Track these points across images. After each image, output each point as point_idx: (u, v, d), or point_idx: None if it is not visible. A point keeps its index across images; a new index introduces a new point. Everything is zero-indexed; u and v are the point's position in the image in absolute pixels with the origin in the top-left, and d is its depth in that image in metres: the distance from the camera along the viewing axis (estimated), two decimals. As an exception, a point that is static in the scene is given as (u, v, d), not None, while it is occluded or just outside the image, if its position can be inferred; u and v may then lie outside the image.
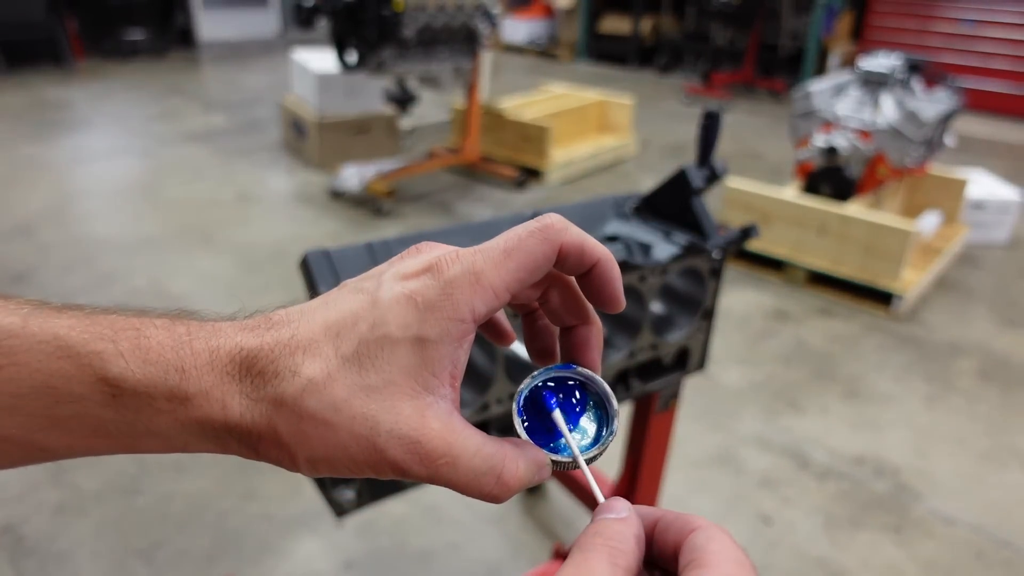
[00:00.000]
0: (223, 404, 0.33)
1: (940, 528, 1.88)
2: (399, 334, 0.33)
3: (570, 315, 0.38)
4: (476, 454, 0.33)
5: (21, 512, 1.83)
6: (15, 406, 0.31)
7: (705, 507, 1.92)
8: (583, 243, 0.35)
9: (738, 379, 2.49)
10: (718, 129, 1.10)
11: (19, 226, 3.52)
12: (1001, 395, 2.46)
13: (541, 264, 0.34)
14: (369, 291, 0.34)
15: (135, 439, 0.34)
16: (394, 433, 0.32)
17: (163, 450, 0.35)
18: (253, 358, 0.33)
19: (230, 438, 0.34)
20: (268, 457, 0.35)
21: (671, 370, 1.13)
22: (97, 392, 0.32)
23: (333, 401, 0.32)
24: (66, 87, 6.39)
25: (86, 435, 0.33)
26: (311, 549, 1.76)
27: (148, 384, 0.32)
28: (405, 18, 3.35)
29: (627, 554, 0.30)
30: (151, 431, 0.33)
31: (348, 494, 0.92)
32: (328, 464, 0.34)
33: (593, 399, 0.38)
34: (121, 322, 0.33)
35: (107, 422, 0.33)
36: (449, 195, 4.18)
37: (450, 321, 0.33)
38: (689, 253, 1.02)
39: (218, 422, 0.33)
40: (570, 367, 0.38)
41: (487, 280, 0.33)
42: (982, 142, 5.56)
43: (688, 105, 6.49)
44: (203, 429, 0.34)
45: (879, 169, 3.16)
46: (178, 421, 0.33)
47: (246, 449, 0.35)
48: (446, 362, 0.33)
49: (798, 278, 3.15)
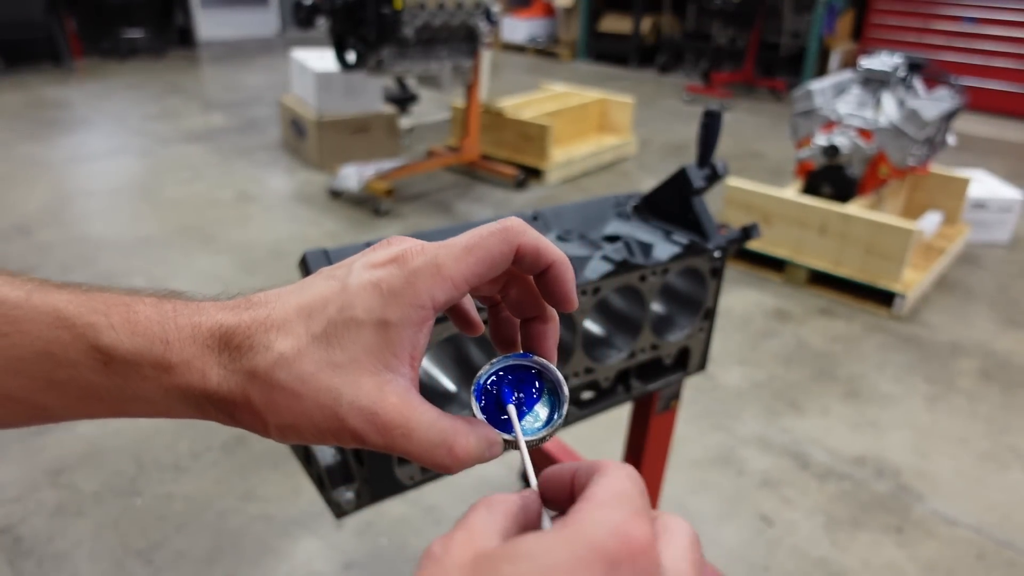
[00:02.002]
0: (203, 373, 0.36)
1: (941, 529, 1.88)
2: (364, 317, 0.36)
3: (528, 310, 0.42)
4: (431, 427, 0.36)
5: (20, 512, 1.82)
6: (19, 369, 0.35)
7: (705, 507, 1.92)
8: (539, 246, 0.39)
9: (739, 379, 2.49)
10: (719, 128, 1.09)
11: (18, 226, 3.51)
12: (1002, 395, 2.45)
13: (498, 261, 0.38)
14: (340, 278, 0.37)
15: (124, 403, 0.37)
16: (355, 404, 0.35)
17: (149, 414, 0.38)
18: (231, 334, 0.36)
19: (209, 405, 0.37)
20: (243, 423, 0.38)
21: (672, 370, 1.13)
22: (90, 359, 0.36)
23: (301, 374, 0.35)
24: (65, 86, 6.38)
25: (81, 397, 0.37)
26: (311, 550, 1.75)
27: (136, 353, 0.36)
28: (405, 17, 3.34)
29: (505, 501, 0.32)
30: (138, 396, 0.37)
31: (348, 495, 0.91)
32: (295, 431, 0.37)
33: (548, 386, 0.41)
34: (114, 299, 0.37)
35: (99, 386, 0.36)
36: (449, 194, 4.17)
37: (411, 307, 0.36)
38: (690, 253, 1.01)
39: (198, 389, 0.37)
40: (528, 356, 0.42)
41: (447, 272, 0.36)
42: (983, 141, 5.55)
43: (689, 104, 6.48)
44: (184, 395, 0.37)
45: (880, 168, 3.15)
46: (162, 387, 0.37)
47: (223, 415, 0.38)
48: (406, 344, 0.37)
49: (799, 278, 3.14)
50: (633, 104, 4.93)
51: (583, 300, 0.91)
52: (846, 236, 2.99)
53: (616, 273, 0.92)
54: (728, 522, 1.88)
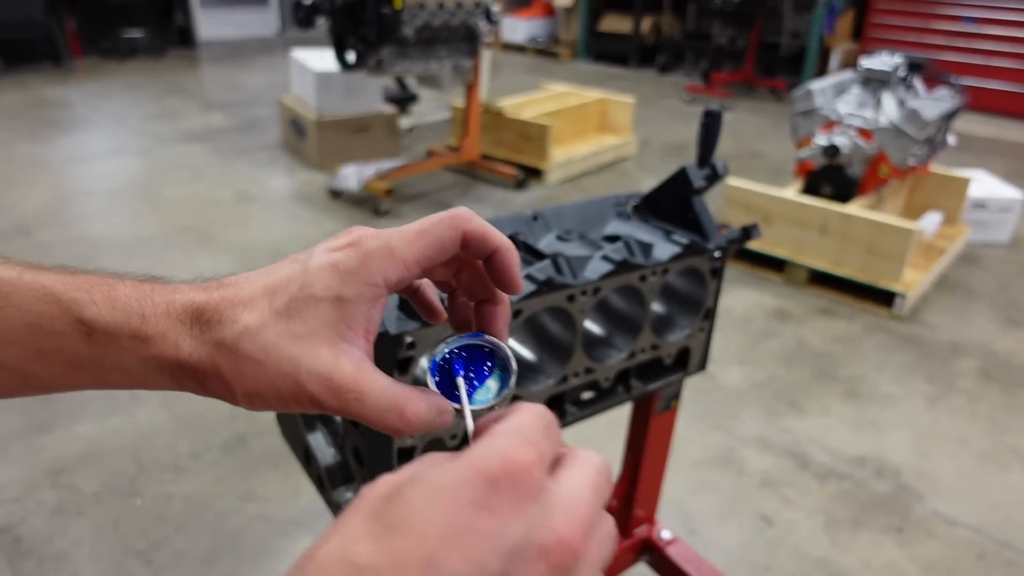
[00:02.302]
0: (176, 345, 0.40)
1: (941, 529, 1.88)
2: (322, 294, 0.39)
3: (479, 293, 0.46)
4: (383, 392, 0.40)
5: (19, 512, 1.82)
6: (11, 339, 0.39)
7: (706, 508, 1.92)
8: (485, 232, 0.42)
9: (739, 379, 2.48)
10: (719, 128, 1.09)
11: (17, 226, 3.51)
12: (1003, 395, 2.45)
13: (447, 246, 0.41)
14: (302, 261, 0.41)
15: (105, 372, 0.41)
16: (312, 371, 0.39)
17: (129, 384, 0.42)
18: (202, 309, 0.40)
19: (182, 374, 0.41)
20: (213, 391, 0.41)
21: (672, 370, 1.13)
22: (74, 331, 0.39)
23: (264, 344, 0.39)
24: (64, 86, 6.38)
25: (66, 366, 0.40)
26: (310, 550, 1.75)
27: (115, 326, 0.40)
28: (404, 16, 3.33)
29: (439, 454, 0.35)
30: (118, 366, 0.41)
31: (348, 495, 0.91)
32: (260, 397, 0.40)
33: (499, 363, 0.45)
34: (97, 279, 0.41)
35: (82, 355, 0.40)
36: (448, 194, 4.17)
37: (366, 285, 0.40)
38: (690, 253, 1.01)
39: (171, 359, 0.40)
40: (480, 336, 0.45)
41: (399, 255, 0.40)
42: (983, 141, 5.55)
43: (689, 104, 6.48)
44: (160, 365, 0.41)
45: (881, 168, 3.15)
46: (139, 358, 0.40)
47: (195, 384, 0.41)
48: (361, 318, 0.40)
49: (799, 278, 3.14)
50: (633, 104, 4.93)
51: (583, 300, 0.91)
52: (846, 236, 2.99)
53: (616, 273, 0.92)
54: (728, 522, 1.88)
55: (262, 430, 2.14)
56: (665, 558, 1.45)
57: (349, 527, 0.30)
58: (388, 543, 0.29)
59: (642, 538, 1.47)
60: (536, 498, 0.31)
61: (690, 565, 1.42)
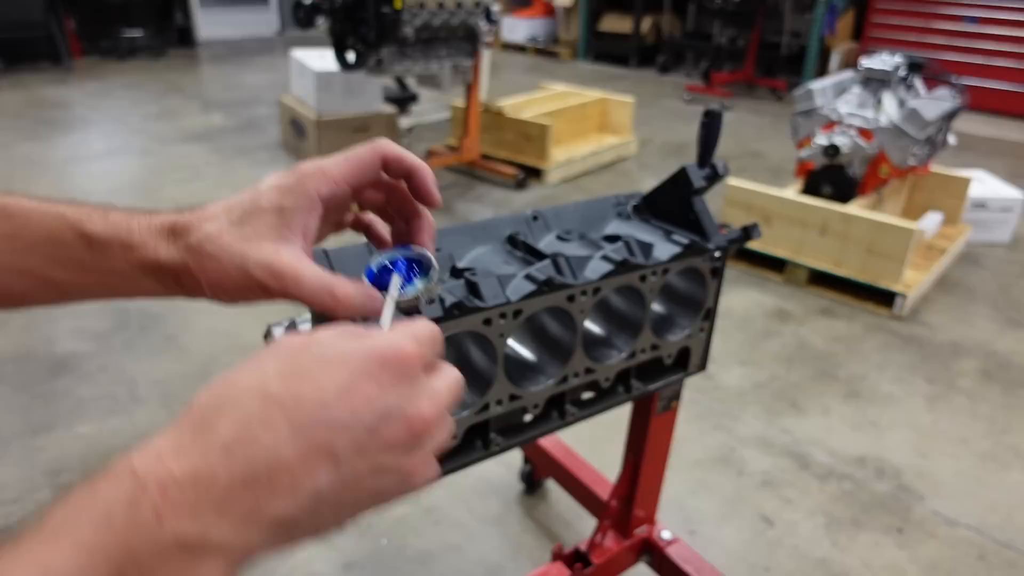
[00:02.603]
0: (156, 250, 0.52)
1: (942, 529, 1.87)
2: (267, 206, 0.51)
3: (406, 211, 0.58)
4: (316, 276, 0.49)
5: (18, 513, 1.82)
6: (33, 249, 0.52)
7: (706, 508, 1.91)
8: (401, 155, 0.55)
9: (739, 379, 2.48)
10: (719, 128, 1.09)
11: (17, 225, 3.51)
12: (1003, 395, 2.44)
13: (368, 165, 0.54)
14: (254, 186, 0.53)
15: (104, 275, 0.53)
16: (258, 261, 0.49)
17: (124, 288, 0.54)
18: (176, 224, 0.52)
19: (162, 274, 0.53)
20: (186, 286, 0.53)
21: (672, 371, 1.12)
22: (79, 241, 0.52)
23: (221, 244, 0.50)
24: (64, 86, 6.38)
25: (75, 271, 0.53)
26: (310, 550, 1.75)
27: (108, 237, 0.52)
28: (404, 16, 3.33)
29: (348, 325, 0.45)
30: (113, 270, 0.53)
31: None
32: (221, 288, 0.51)
33: (425, 269, 0.55)
34: (95, 207, 0.54)
35: (86, 261, 0.53)
36: (448, 194, 4.17)
37: (302, 198, 0.51)
38: (690, 253, 1.00)
39: (152, 262, 0.52)
40: (408, 247, 0.56)
41: (330, 174, 0.52)
42: (984, 141, 5.55)
43: (689, 104, 6.48)
44: (144, 268, 0.53)
45: (881, 168, 3.14)
46: (128, 262, 0.52)
47: (173, 283, 0.53)
48: (298, 224, 0.51)
49: (799, 278, 3.14)
50: (633, 104, 4.92)
51: (583, 300, 0.90)
52: (847, 236, 2.98)
53: (616, 273, 0.92)
54: (729, 522, 1.87)
55: (262, 430, 2.13)
56: (665, 558, 1.45)
57: (265, 366, 0.39)
58: (295, 384, 0.38)
59: (642, 538, 1.47)
60: (411, 383, 0.41)
61: (690, 565, 1.42)
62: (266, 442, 0.36)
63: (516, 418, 1.00)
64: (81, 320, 2.70)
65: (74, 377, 2.36)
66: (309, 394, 0.37)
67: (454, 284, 0.85)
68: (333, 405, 0.37)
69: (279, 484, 0.36)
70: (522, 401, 0.92)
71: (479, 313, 0.81)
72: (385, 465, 0.40)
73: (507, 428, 0.98)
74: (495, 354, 0.86)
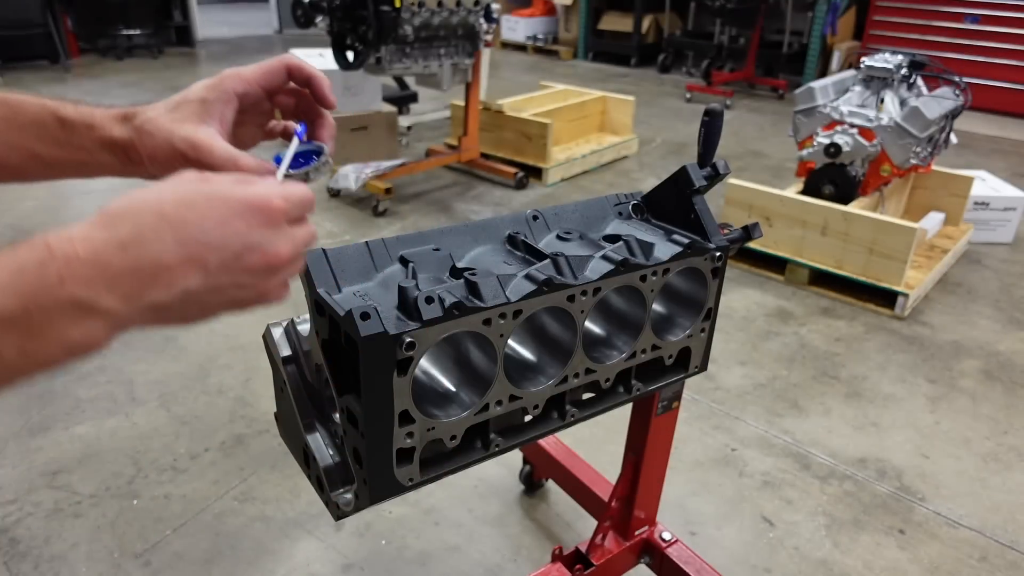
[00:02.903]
0: (111, 130, 0.67)
1: (944, 530, 1.87)
2: (193, 98, 0.67)
3: (311, 114, 0.74)
4: (226, 149, 0.64)
5: (16, 514, 1.81)
6: (25, 128, 0.67)
7: (706, 509, 1.91)
8: (302, 65, 0.71)
9: (740, 380, 2.47)
10: (720, 128, 1.08)
11: (14, 225, 3.50)
12: (1005, 395, 2.44)
13: (276, 72, 0.71)
14: (188, 88, 0.68)
15: (75, 150, 0.68)
16: (182, 137, 0.64)
17: (92, 165, 0.69)
18: (127, 112, 0.68)
19: (117, 149, 0.68)
20: (134, 159, 0.68)
21: (672, 371, 1.12)
22: (56, 122, 0.67)
23: (157, 125, 0.65)
24: (62, 85, 6.37)
25: (54, 146, 0.67)
26: (309, 551, 1.74)
27: (77, 119, 0.67)
28: (404, 15, 3.32)
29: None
30: (82, 146, 0.68)
31: (346, 496, 0.90)
32: (155, 160, 0.66)
33: (322, 158, 0.71)
34: (69, 101, 0.69)
35: (61, 138, 0.67)
36: (448, 193, 4.16)
37: (221, 92, 0.68)
38: (691, 252, 1.00)
39: (108, 139, 0.67)
40: (311, 143, 0.72)
41: (243, 75, 0.70)
42: (986, 140, 5.54)
43: (690, 103, 6.47)
44: (103, 144, 0.68)
45: (882, 167, 3.14)
46: (91, 139, 0.67)
47: (124, 157, 0.68)
48: (216, 112, 0.67)
49: (801, 278, 3.13)
50: (634, 103, 4.91)
51: (583, 300, 0.90)
52: (848, 236, 2.98)
53: (616, 273, 0.91)
54: (729, 523, 1.87)
55: (260, 431, 2.13)
56: (665, 559, 1.44)
57: (165, 192, 0.50)
58: (184, 211, 0.49)
59: (642, 539, 1.46)
60: (274, 228, 0.52)
61: (690, 566, 1.41)
62: (154, 248, 0.47)
63: (516, 419, 0.99)
64: (80, 320, 2.69)
65: (72, 377, 2.36)
66: (192, 220, 0.49)
67: (454, 284, 0.84)
68: (210, 231, 0.49)
69: (158, 279, 0.47)
70: (522, 402, 0.92)
71: (479, 313, 0.80)
72: (243, 282, 0.52)
73: (507, 429, 0.97)
74: (495, 354, 0.85)
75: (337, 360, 0.81)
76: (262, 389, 2.32)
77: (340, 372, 0.81)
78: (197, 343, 2.57)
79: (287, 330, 0.93)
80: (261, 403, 2.26)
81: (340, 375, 0.81)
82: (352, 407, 0.80)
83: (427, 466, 0.89)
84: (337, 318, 0.78)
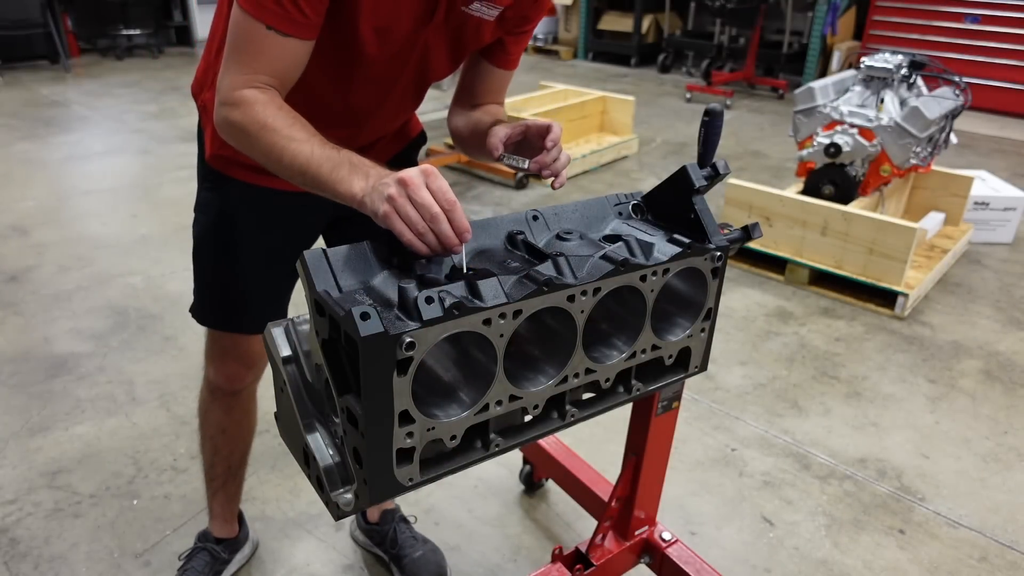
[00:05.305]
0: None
1: (944, 530, 1.86)
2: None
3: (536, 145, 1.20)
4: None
5: (16, 514, 1.81)
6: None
7: (706, 509, 1.91)
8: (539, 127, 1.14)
9: (740, 380, 2.47)
10: (720, 128, 1.08)
11: (14, 225, 3.50)
12: (1005, 396, 2.44)
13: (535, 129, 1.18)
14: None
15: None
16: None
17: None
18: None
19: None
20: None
21: (672, 371, 1.11)
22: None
23: None
24: (62, 85, 6.37)
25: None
26: (309, 551, 1.74)
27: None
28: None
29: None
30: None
31: (346, 496, 0.90)
32: None
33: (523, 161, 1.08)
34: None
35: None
36: (449, 193, 4.15)
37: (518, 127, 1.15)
38: (691, 252, 1.00)
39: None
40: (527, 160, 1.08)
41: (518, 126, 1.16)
42: (987, 140, 5.54)
43: (690, 103, 6.47)
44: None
45: (882, 167, 3.13)
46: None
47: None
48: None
49: (801, 278, 3.13)
50: (634, 103, 4.91)
51: (583, 300, 0.90)
52: (848, 236, 2.98)
53: (616, 273, 0.91)
54: (729, 523, 1.87)
55: (260, 431, 2.12)
56: (665, 559, 1.44)
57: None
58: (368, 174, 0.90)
59: (642, 539, 1.46)
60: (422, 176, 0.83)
61: (690, 566, 1.41)
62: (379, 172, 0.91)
63: (516, 419, 0.99)
64: (79, 320, 2.69)
65: (72, 377, 2.36)
66: (380, 173, 0.90)
67: (454, 284, 0.84)
68: (393, 174, 0.86)
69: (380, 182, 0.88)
70: (522, 402, 0.92)
71: (479, 313, 0.80)
72: (392, 194, 0.84)
73: (507, 429, 0.97)
74: (495, 354, 0.85)
75: (337, 360, 0.81)
76: (262, 389, 2.31)
77: (340, 372, 0.81)
78: (197, 343, 2.56)
79: (287, 330, 0.93)
80: (261, 403, 2.25)
81: (340, 375, 0.81)
82: (352, 407, 0.80)
83: (427, 466, 0.89)
84: (337, 318, 0.77)
